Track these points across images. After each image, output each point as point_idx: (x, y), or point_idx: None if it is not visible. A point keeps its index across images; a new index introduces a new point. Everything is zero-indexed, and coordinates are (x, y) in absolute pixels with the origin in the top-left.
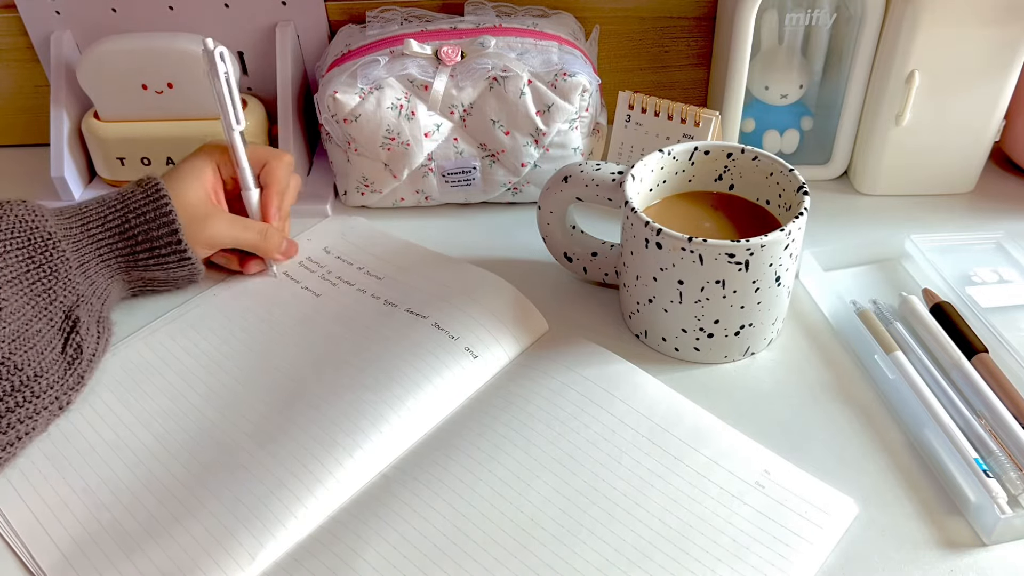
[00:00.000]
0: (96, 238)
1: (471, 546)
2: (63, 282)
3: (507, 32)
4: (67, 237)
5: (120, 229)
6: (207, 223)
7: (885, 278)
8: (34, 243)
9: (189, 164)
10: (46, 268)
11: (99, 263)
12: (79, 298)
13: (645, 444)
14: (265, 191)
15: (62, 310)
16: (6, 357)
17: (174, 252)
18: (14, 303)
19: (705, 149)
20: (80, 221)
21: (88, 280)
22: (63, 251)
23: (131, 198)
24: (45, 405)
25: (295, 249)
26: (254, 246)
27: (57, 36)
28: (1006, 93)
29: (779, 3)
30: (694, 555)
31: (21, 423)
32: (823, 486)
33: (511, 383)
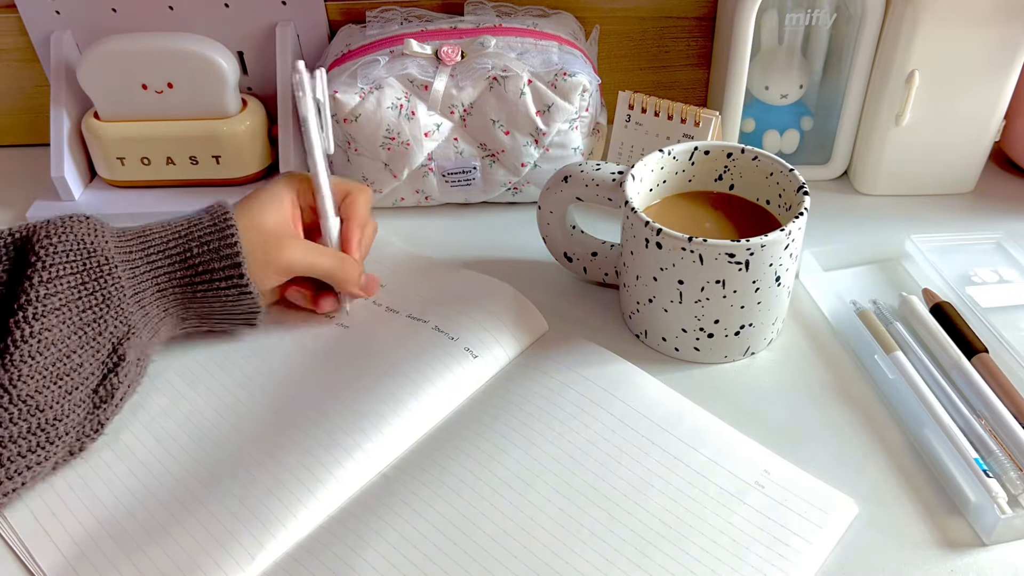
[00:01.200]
0: (155, 265)
1: (471, 546)
2: (115, 311)
3: (507, 32)
4: (125, 262)
5: (181, 257)
6: (283, 246)
7: (885, 278)
8: (89, 268)
9: (267, 191)
10: (99, 296)
11: (155, 292)
12: (130, 330)
13: (645, 444)
14: (347, 223)
15: (111, 342)
16: (30, 395)
17: (235, 286)
18: (57, 332)
19: (705, 149)
20: (140, 245)
21: (142, 311)
22: (119, 278)
23: (197, 225)
24: (56, 451)
25: (375, 286)
26: (330, 274)
27: (57, 36)
28: (1006, 93)
29: (779, 3)
30: (694, 555)
31: (29, 469)
32: (823, 486)
33: (511, 383)
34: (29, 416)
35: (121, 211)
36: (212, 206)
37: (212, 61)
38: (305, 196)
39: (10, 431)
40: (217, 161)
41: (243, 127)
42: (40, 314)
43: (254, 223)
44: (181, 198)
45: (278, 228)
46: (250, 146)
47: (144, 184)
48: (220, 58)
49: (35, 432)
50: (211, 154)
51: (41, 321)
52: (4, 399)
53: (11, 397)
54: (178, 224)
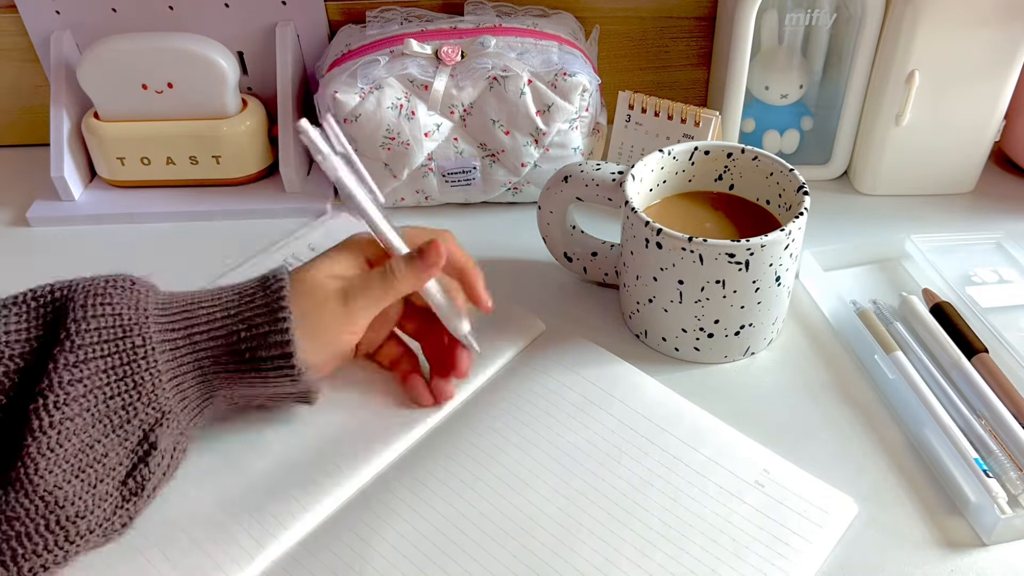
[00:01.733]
0: (199, 347)
1: (470, 546)
2: (147, 397)
3: (507, 32)
4: (165, 342)
5: (227, 341)
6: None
7: (885, 278)
8: (122, 350)
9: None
10: (129, 381)
11: (197, 376)
12: (164, 416)
13: (644, 444)
14: (464, 274)
15: (141, 430)
16: (48, 490)
17: (285, 376)
18: (80, 422)
19: (705, 149)
20: (184, 322)
21: (180, 394)
22: (155, 361)
23: (248, 303)
24: (78, 550)
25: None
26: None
27: (57, 36)
28: (1006, 93)
29: (779, 3)
30: (694, 554)
31: (45, 569)
32: (823, 485)
33: (510, 384)
34: (48, 512)
35: (121, 211)
36: (267, 277)
37: (212, 61)
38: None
39: (26, 527)
40: (217, 161)
41: (243, 127)
42: (63, 402)
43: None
44: (181, 198)
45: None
46: (250, 146)
47: (144, 184)
48: (220, 58)
49: (54, 529)
50: (211, 154)
51: (63, 410)
52: (20, 493)
53: (27, 492)
54: (228, 299)
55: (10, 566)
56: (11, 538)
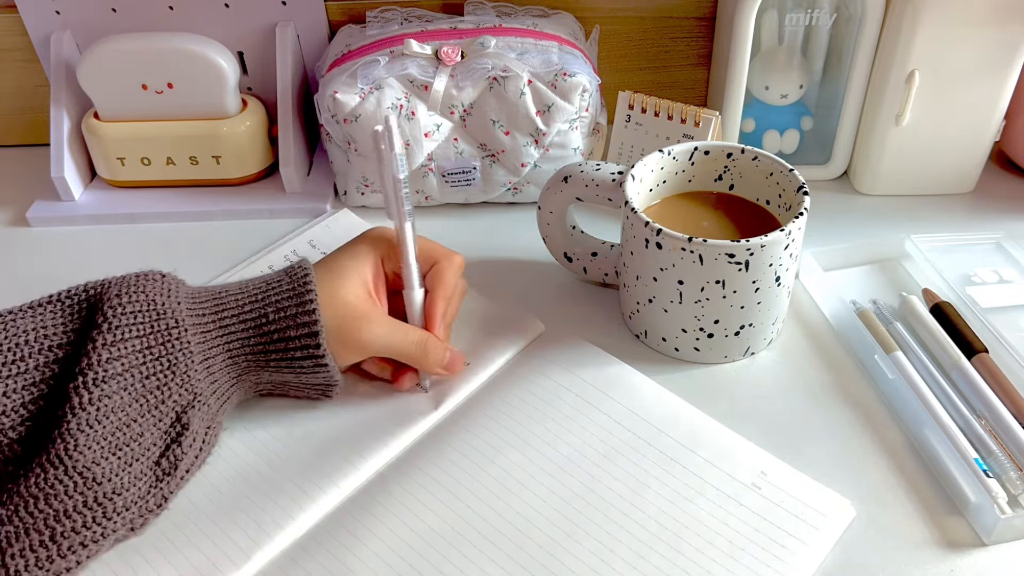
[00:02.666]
0: (229, 330)
1: (466, 546)
2: (181, 378)
3: (507, 32)
4: (196, 325)
5: (256, 323)
6: (362, 325)
7: (885, 278)
8: (157, 331)
9: (351, 253)
10: (164, 361)
11: (227, 359)
12: (195, 398)
13: (642, 446)
14: (431, 295)
15: (174, 411)
16: (87, 466)
17: (311, 356)
18: (117, 399)
19: (705, 149)
20: (214, 308)
21: (211, 377)
22: (187, 343)
23: (275, 288)
24: (115, 528)
25: (460, 365)
26: (412, 358)
27: (57, 36)
28: (1006, 93)
29: (779, 3)
30: (690, 556)
31: (84, 547)
32: (820, 487)
33: (508, 384)
34: (86, 489)
35: (121, 211)
36: (293, 267)
37: (212, 61)
38: (391, 261)
39: (64, 505)
40: (217, 161)
41: (243, 127)
42: (101, 379)
43: (336, 297)
44: (181, 198)
45: (359, 304)
46: (250, 146)
47: (144, 184)
48: (220, 58)
49: (91, 506)
50: (211, 154)
51: (101, 387)
52: (60, 470)
53: (67, 468)
54: (256, 286)
55: (49, 545)
56: (49, 516)
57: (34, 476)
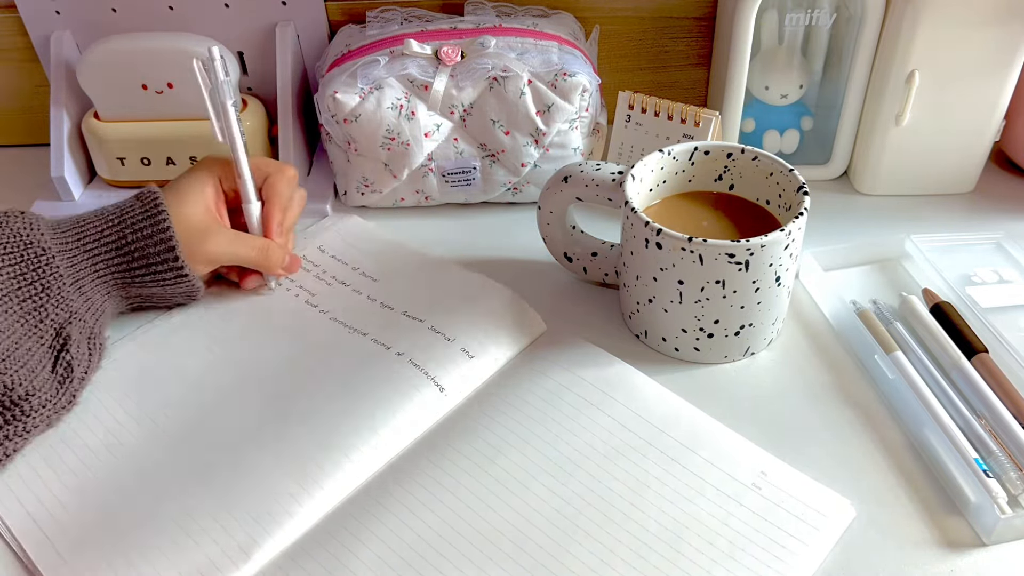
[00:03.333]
0: (92, 253)
1: (466, 546)
2: (55, 299)
3: (507, 32)
4: (62, 252)
5: (117, 244)
6: (206, 239)
7: (885, 278)
8: (27, 259)
9: (190, 178)
10: (38, 285)
11: (95, 279)
12: (72, 315)
13: (642, 446)
14: (267, 205)
15: (53, 327)
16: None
17: (171, 269)
18: (3, 321)
19: (705, 149)
20: (77, 235)
21: (83, 296)
22: (57, 267)
23: (129, 213)
24: (36, 424)
25: (297, 265)
26: (255, 263)
27: (57, 36)
28: (1006, 93)
29: (779, 3)
30: (689, 556)
31: (10, 440)
32: (820, 488)
33: (509, 384)
34: (2, 396)
35: None
36: (142, 192)
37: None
38: (228, 180)
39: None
40: None
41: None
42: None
43: (178, 215)
44: None
45: (201, 220)
46: (250, 146)
47: (144, 184)
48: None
49: (10, 408)
50: None
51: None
52: None
53: None
54: (111, 212)
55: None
56: None
57: None
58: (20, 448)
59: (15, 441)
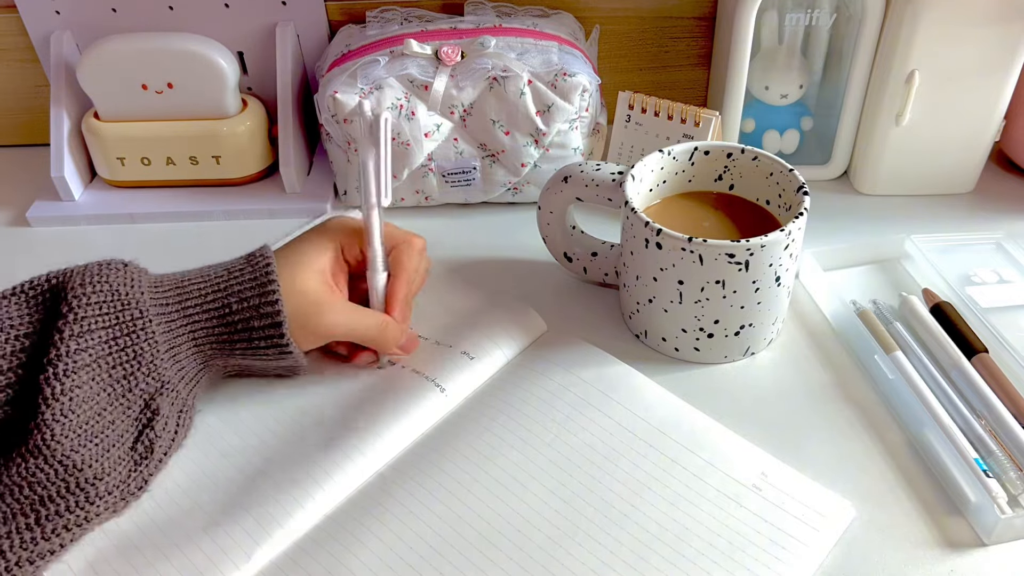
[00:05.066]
0: (193, 319)
1: (466, 547)
2: (147, 367)
3: (507, 32)
4: (160, 315)
5: (219, 313)
6: (322, 313)
7: (885, 278)
8: (122, 322)
9: (311, 242)
10: (131, 352)
11: (192, 347)
12: (163, 385)
13: (642, 447)
14: (394, 279)
15: (142, 399)
16: (66, 454)
17: (275, 346)
18: (88, 389)
19: (705, 149)
20: (178, 297)
21: (177, 365)
22: (152, 333)
23: (237, 278)
24: (99, 512)
25: (415, 345)
26: (372, 341)
27: (57, 36)
28: (1006, 93)
29: (779, 3)
30: (690, 557)
31: (68, 530)
32: (820, 489)
33: (509, 385)
34: (67, 476)
35: (121, 211)
36: (254, 255)
37: (212, 61)
38: (351, 249)
39: (48, 491)
40: (217, 161)
41: (243, 127)
42: (71, 370)
43: (295, 286)
44: (181, 198)
45: (317, 292)
46: (250, 146)
47: (144, 184)
48: (220, 58)
49: (74, 491)
50: (211, 154)
51: (72, 378)
52: (40, 459)
53: (46, 457)
54: (218, 275)
55: (34, 527)
56: (34, 502)
57: (15, 465)
58: (77, 540)
59: (73, 532)
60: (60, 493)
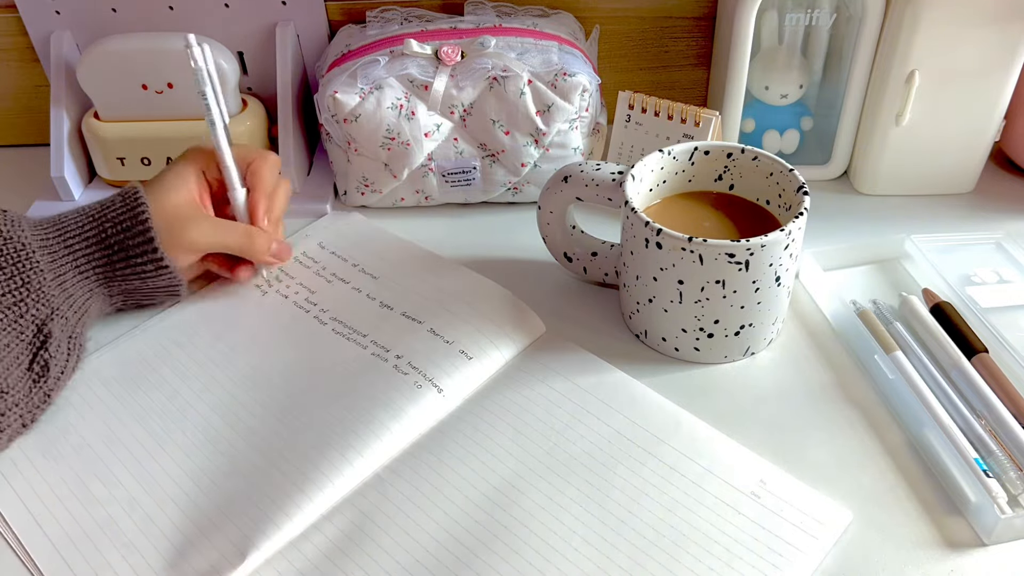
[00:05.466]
0: (73, 248)
1: (463, 552)
2: (36, 294)
3: (507, 32)
4: (43, 248)
5: (97, 239)
6: (188, 226)
7: (885, 278)
8: (6, 254)
9: (174, 169)
10: (18, 280)
11: (76, 275)
12: (53, 312)
13: (640, 454)
14: (251, 192)
15: (34, 324)
16: None
17: (150, 261)
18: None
19: (705, 149)
20: (58, 231)
21: (65, 293)
22: (37, 262)
23: (110, 207)
24: (9, 423)
25: (287, 252)
26: (240, 248)
27: (57, 36)
28: (1006, 93)
29: (779, 3)
30: (687, 564)
31: None
32: (819, 496)
33: (508, 390)
34: None
35: None
36: (124, 188)
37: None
38: (212, 170)
39: None
40: None
41: (243, 127)
42: None
43: (160, 205)
44: None
45: (183, 208)
46: None
47: None
48: (220, 58)
49: None
50: None
51: None
52: None
53: None
54: (92, 208)
55: None
56: None
57: None
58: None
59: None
60: None
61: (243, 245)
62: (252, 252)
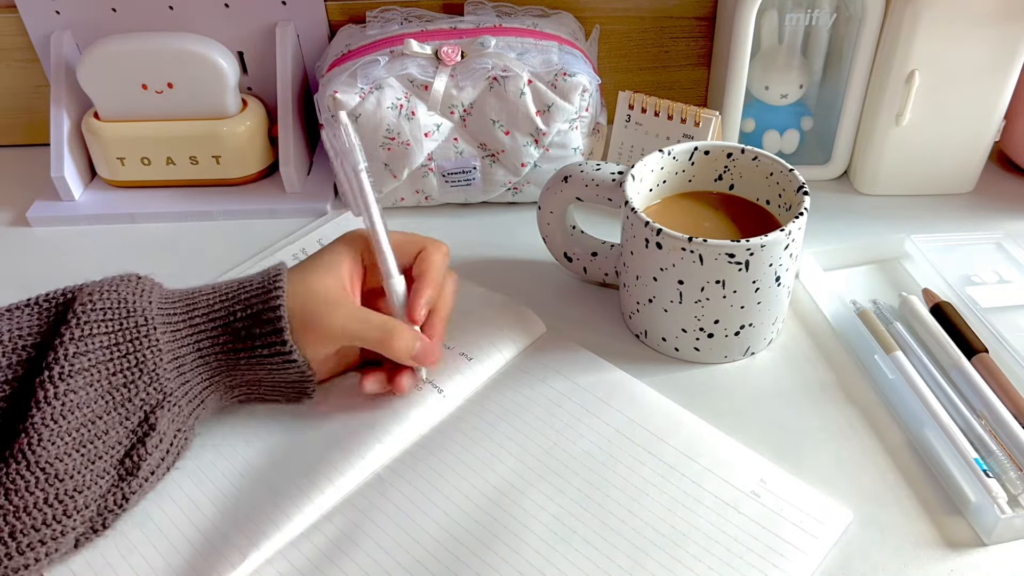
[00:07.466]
0: (198, 328)
1: (463, 551)
2: (149, 375)
3: (507, 32)
4: (166, 324)
5: (224, 321)
6: (331, 313)
7: (885, 278)
8: (126, 328)
9: (327, 250)
10: (132, 358)
11: (197, 358)
12: (165, 398)
13: (641, 453)
14: (417, 280)
15: (142, 410)
16: (49, 462)
17: (277, 353)
18: (83, 395)
19: (705, 149)
20: (185, 307)
21: (181, 378)
22: (156, 340)
23: (246, 286)
24: (74, 526)
25: (432, 357)
26: (378, 343)
27: (57, 36)
28: (1006, 93)
29: (779, 3)
30: (687, 563)
31: (43, 544)
32: (819, 495)
33: (508, 390)
34: (47, 485)
35: (121, 211)
36: (268, 268)
37: (212, 61)
38: (371, 255)
39: (25, 501)
40: (217, 161)
41: (243, 127)
42: (67, 374)
43: (306, 286)
44: (181, 198)
45: (328, 292)
46: (250, 146)
47: (144, 184)
48: (220, 58)
49: (52, 503)
50: (211, 154)
51: (67, 382)
52: (22, 465)
53: (29, 463)
54: (227, 286)
55: (8, 541)
56: (9, 512)
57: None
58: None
59: (48, 546)
60: (37, 504)
61: (382, 340)
62: (391, 349)
